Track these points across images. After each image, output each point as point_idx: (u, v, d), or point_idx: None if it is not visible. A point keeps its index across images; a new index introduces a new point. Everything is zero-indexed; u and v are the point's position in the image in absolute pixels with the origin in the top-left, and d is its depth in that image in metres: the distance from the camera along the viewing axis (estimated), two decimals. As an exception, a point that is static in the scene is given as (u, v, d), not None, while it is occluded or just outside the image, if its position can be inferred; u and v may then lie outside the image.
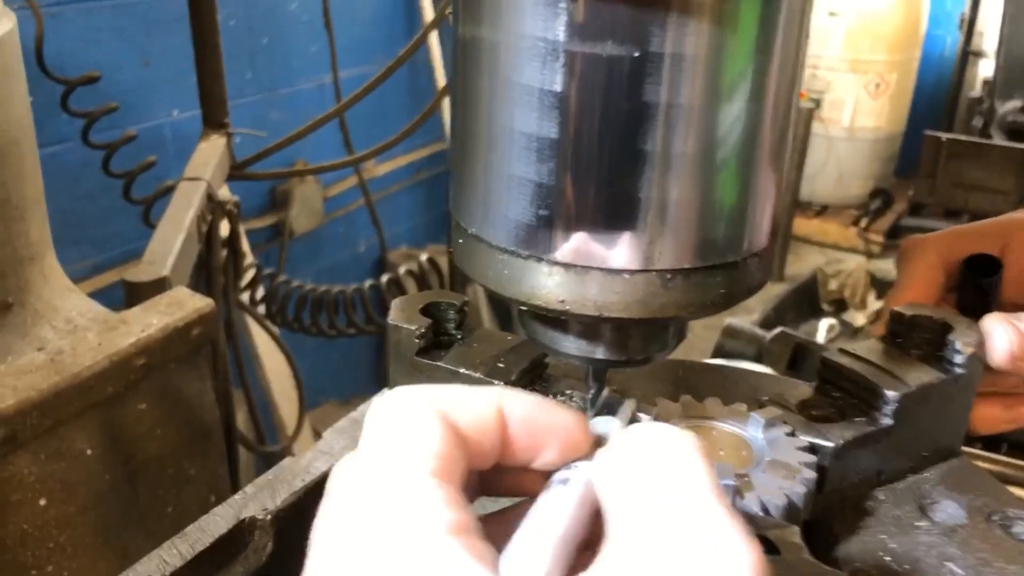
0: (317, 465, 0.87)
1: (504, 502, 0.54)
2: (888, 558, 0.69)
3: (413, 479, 0.42)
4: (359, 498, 0.43)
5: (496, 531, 0.49)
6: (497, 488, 0.52)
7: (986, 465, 1.16)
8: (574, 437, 0.49)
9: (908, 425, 0.76)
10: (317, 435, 1.09)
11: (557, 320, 0.62)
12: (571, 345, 0.63)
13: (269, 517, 0.80)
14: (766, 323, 4.20)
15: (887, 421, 0.74)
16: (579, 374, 0.81)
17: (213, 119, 2.25)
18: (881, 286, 5.58)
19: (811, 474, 0.68)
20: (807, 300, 5.37)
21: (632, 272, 0.55)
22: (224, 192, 2.20)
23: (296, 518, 0.82)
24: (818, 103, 6.14)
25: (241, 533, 0.79)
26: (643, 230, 0.54)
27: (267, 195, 3.96)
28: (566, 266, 0.56)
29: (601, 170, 0.53)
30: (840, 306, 5.42)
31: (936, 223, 5.26)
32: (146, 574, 0.72)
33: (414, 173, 4.76)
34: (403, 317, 0.76)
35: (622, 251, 0.55)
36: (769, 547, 0.60)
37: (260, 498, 0.81)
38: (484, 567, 0.40)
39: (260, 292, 2.74)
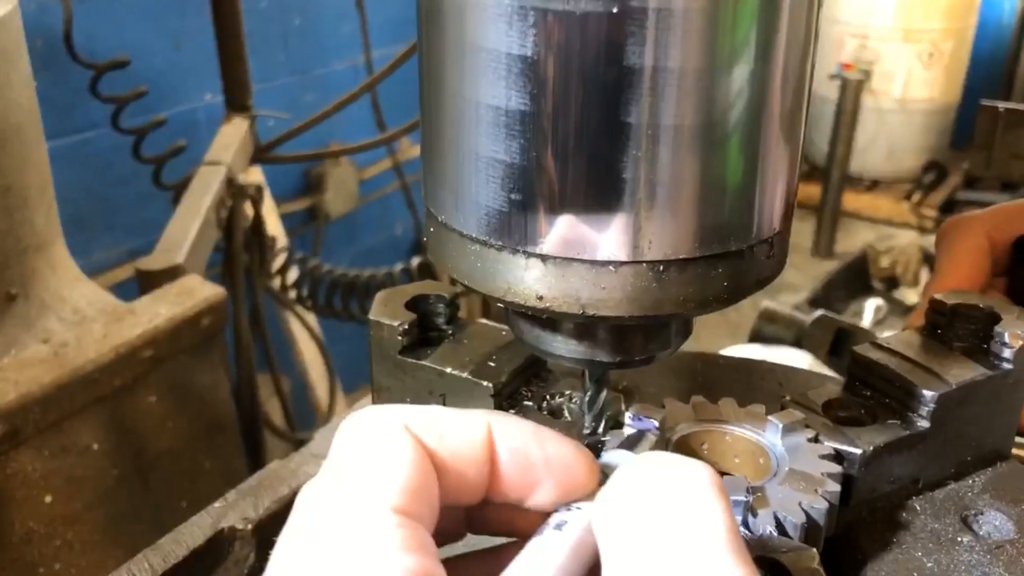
0: (306, 469, 0.82)
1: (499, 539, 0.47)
2: (924, 579, 0.61)
3: (371, 515, 0.37)
4: (314, 529, 0.37)
5: (480, 573, 0.43)
6: (487, 525, 0.46)
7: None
8: (576, 475, 0.42)
9: (948, 428, 0.67)
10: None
11: (544, 318, 0.55)
12: (560, 346, 0.56)
13: (251, 527, 0.75)
14: (814, 302, 4.07)
15: (924, 424, 0.66)
16: (579, 373, 0.74)
17: (236, 101, 2.21)
18: (934, 263, 5.40)
19: (834, 487, 0.61)
20: (857, 278, 5.22)
21: (619, 264, 0.48)
22: (249, 176, 2.16)
23: (281, 527, 0.76)
24: (868, 75, 5.94)
25: (220, 544, 0.74)
26: (630, 215, 0.47)
27: (302, 178, 3.93)
28: (544, 258, 0.49)
29: (579, 147, 0.46)
30: (892, 283, 5.26)
31: (993, 196, 5.07)
32: (112, 590, 0.68)
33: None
34: (386, 312, 0.70)
35: (607, 240, 0.48)
36: (782, 574, 0.52)
37: (242, 506, 0.76)
38: None
39: (292, 277, 2.70)
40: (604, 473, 0.43)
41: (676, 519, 0.36)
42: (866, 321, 3.65)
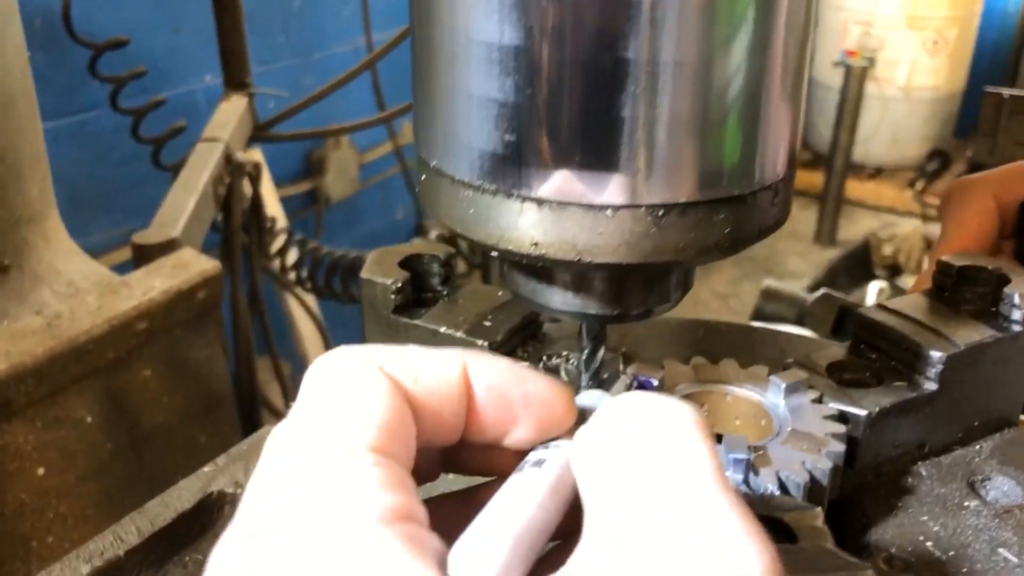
0: (299, 434, 0.80)
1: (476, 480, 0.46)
2: (930, 543, 0.60)
3: (346, 454, 0.35)
4: (286, 471, 0.35)
5: (459, 514, 0.41)
6: (464, 466, 0.44)
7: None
8: (554, 411, 0.41)
9: (956, 390, 0.66)
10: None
11: (538, 268, 0.53)
12: (557, 298, 0.55)
13: (240, 491, 0.73)
14: (816, 289, 4.05)
15: (931, 386, 0.65)
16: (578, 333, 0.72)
17: (234, 78, 2.18)
18: (941, 226, 5.37)
19: (839, 447, 0.59)
20: (860, 265, 5.20)
21: (617, 208, 0.46)
22: (247, 154, 2.14)
23: (271, 492, 0.75)
24: (872, 62, 5.90)
25: (209, 508, 0.72)
26: (628, 157, 0.45)
27: (302, 161, 3.91)
28: (539, 202, 0.47)
29: (575, 83, 0.44)
30: (894, 271, 5.24)
31: (997, 184, 5.04)
32: (98, 552, 0.66)
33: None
34: (379, 271, 0.68)
35: (604, 183, 0.46)
36: (785, 533, 0.51)
37: (232, 470, 0.75)
38: (423, 562, 0.32)
39: (291, 258, 2.68)
40: (580, 414, 0.42)
41: (660, 456, 0.34)
42: (869, 303, 3.62)
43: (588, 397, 0.44)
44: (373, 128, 2.95)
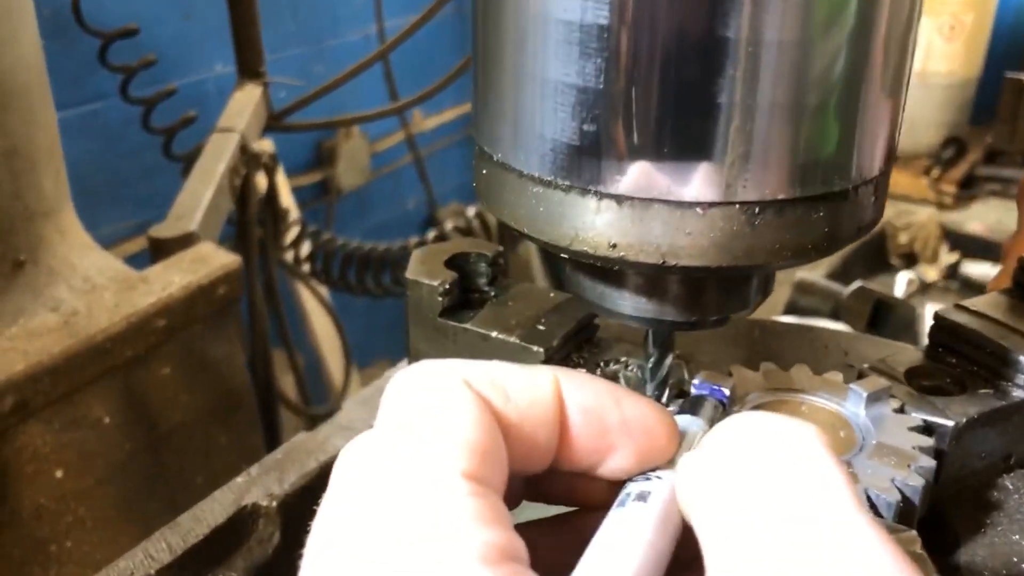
0: (335, 442, 0.76)
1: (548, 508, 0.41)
2: (1025, 565, 0.55)
3: (438, 481, 0.30)
4: (366, 499, 0.31)
5: (547, 548, 0.37)
6: (549, 494, 0.40)
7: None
8: (656, 439, 0.36)
9: (1046, 398, 0.61)
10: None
11: (608, 271, 0.49)
12: (627, 303, 0.50)
13: (275, 504, 0.69)
14: (832, 278, 4.01)
15: (1021, 393, 0.60)
16: (635, 337, 0.68)
17: (248, 67, 2.14)
18: (954, 239, 5.31)
19: (929, 462, 0.55)
20: (875, 254, 5.15)
21: (708, 205, 0.42)
22: (261, 144, 2.10)
23: (307, 504, 0.71)
24: (887, 47, 5.82)
25: (243, 522, 0.68)
26: (723, 148, 0.40)
27: (313, 151, 3.86)
28: (620, 199, 0.43)
29: (667, 66, 0.39)
30: (910, 260, 5.19)
31: (1014, 172, 4.98)
32: (128, 572, 0.62)
33: (463, 127, 4.61)
34: (424, 271, 0.64)
35: (694, 177, 0.41)
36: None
37: (265, 481, 0.71)
38: None
39: (305, 250, 2.64)
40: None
41: (789, 489, 0.30)
42: (898, 295, 3.58)
43: (678, 422, 0.40)
44: (384, 117, 2.91)
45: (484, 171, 0.49)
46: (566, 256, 0.47)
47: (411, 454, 0.31)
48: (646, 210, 0.42)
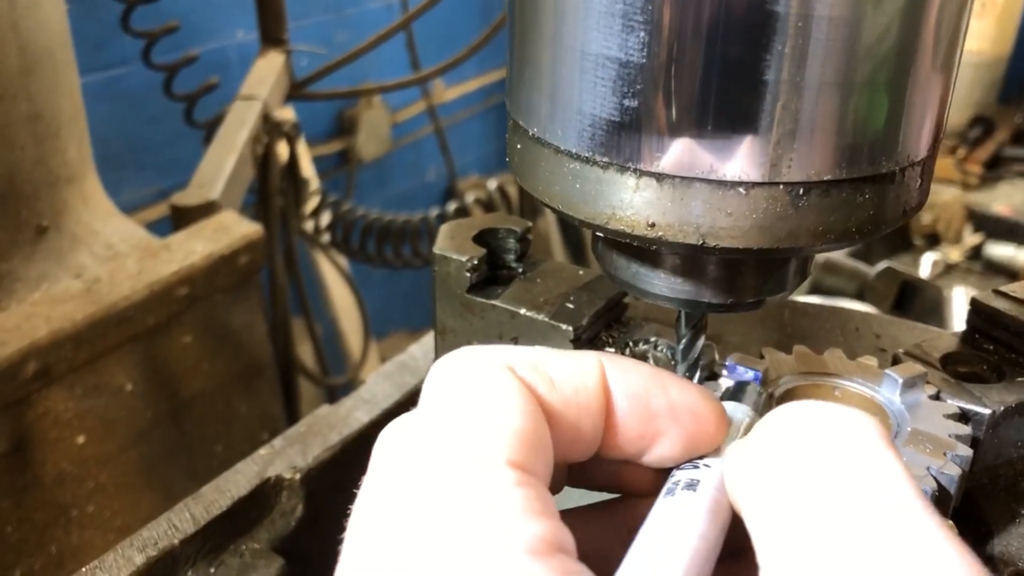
0: (357, 415, 0.76)
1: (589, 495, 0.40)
2: (1061, 558, 0.54)
3: (483, 470, 0.30)
4: (409, 488, 0.30)
5: (592, 536, 0.36)
6: (593, 480, 0.39)
7: None
8: (705, 425, 0.35)
9: (1086, 388, 0.60)
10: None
11: (644, 251, 0.48)
12: (662, 284, 0.49)
13: (299, 476, 0.69)
14: (855, 258, 3.97)
15: (1060, 383, 0.59)
16: (665, 317, 0.67)
17: (271, 35, 2.12)
18: (978, 220, 5.25)
19: (966, 451, 0.53)
20: (898, 234, 5.10)
21: (751, 185, 0.41)
22: (283, 113, 2.09)
23: (331, 477, 0.71)
24: (916, 23, 5.72)
25: (265, 494, 0.68)
26: (769, 126, 0.39)
27: (334, 120, 3.85)
28: (659, 176, 0.41)
29: (712, 41, 0.38)
30: (933, 241, 5.13)
31: (1043, 153, 4.90)
32: (152, 541, 0.62)
33: (485, 98, 4.58)
34: (452, 246, 0.63)
35: (738, 156, 0.40)
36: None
37: (289, 454, 0.70)
38: None
39: (325, 220, 2.64)
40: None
41: (847, 480, 0.29)
42: (923, 276, 3.55)
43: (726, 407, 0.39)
44: (407, 87, 2.89)
45: (519, 146, 0.48)
46: (601, 235, 0.46)
47: (455, 442, 0.30)
48: (687, 189, 0.41)
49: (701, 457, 0.35)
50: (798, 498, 0.29)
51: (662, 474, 0.35)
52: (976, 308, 0.64)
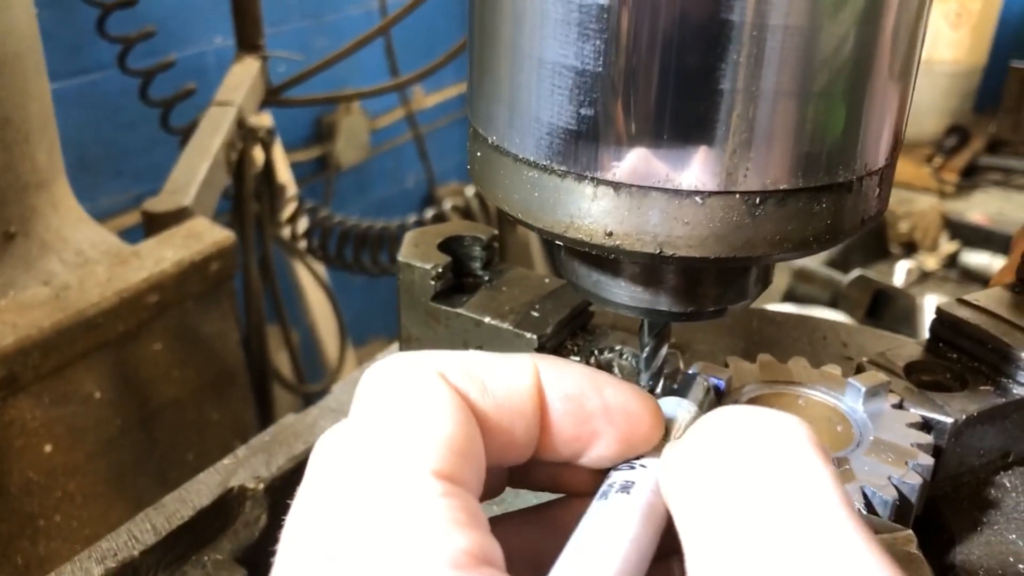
0: (323, 424, 0.75)
1: (528, 496, 0.40)
2: (1022, 565, 0.54)
3: (409, 481, 0.29)
4: (336, 498, 0.30)
5: (526, 539, 0.36)
6: (532, 482, 0.39)
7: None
8: (640, 426, 0.35)
9: (1047, 396, 0.60)
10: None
11: (605, 260, 0.48)
12: (623, 293, 0.49)
13: (262, 486, 0.68)
14: (832, 266, 4.00)
15: (1021, 391, 0.59)
16: (631, 325, 0.67)
17: (247, 40, 2.11)
18: (954, 228, 5.30)
19: (927, 460, 0.54)
20: (875, 242, 5.14)
21: (708, 195, 0.40)
22: (259, 119, 2.07)
23: (295, 487, 0.70)
24: (893, 33, 5.77)
25: (228, 504, 0.67)
26: (724, 137, 0.39)
27: (312, 127, 3.84)
28: (616, 186, 0.41)
29: (668, 50, 0.38)
30: (910, 249, 5.17)
31: (1017, 162, 4.96)
32: (111, 552, 0.61)
33: (464, 105, 4.58)
34: (417, 254, 0.63)
35: (694, 165, 0.40)
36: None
37: (253, 463, 0.70)
38: None
39: (302, 226, 2.62)
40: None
41: (774, 485, 0.29)
42: (897, 284, 3.57)
43: (666, 405, 0.39)
44: (385, 93, 2.88)
45: (478, 153, 0.48)
46: (560, 244, 0.46)
47: (381, 452, 0.30)
48: (643, 198, 0.41)
49: (639, 457, 0.35)
50: (723, 501, 0.29)
51: (601, 475, 0.35)
52: (940, 317, 0.64)
